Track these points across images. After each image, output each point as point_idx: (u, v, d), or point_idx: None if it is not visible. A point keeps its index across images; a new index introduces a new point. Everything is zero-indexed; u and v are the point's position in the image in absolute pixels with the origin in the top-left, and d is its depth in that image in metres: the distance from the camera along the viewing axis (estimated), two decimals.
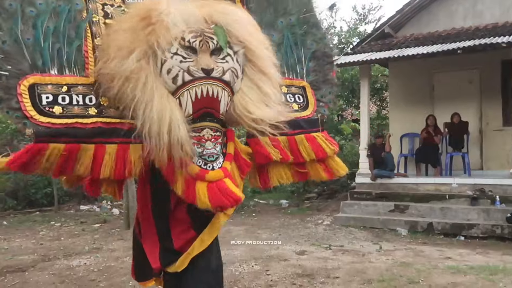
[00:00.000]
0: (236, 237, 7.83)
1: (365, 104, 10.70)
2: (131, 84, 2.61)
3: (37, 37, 2.70)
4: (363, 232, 8.33)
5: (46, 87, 2.63)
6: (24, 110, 2.49)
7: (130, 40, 2.65)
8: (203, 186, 2.69)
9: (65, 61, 2.76)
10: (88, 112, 2.67)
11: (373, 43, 11.14)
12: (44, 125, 2.49)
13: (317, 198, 12.52)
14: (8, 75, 2.54)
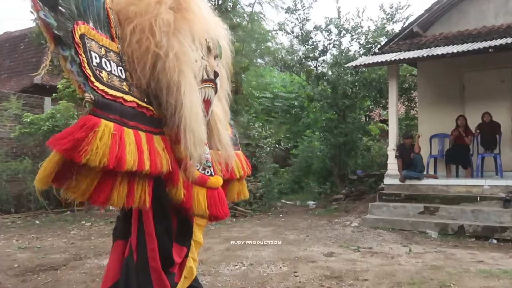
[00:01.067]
0: (263, 238, 7.84)
1: (393, 105, 10.57)
2: (167, 63, 2.43)
3: None
4: (392, 234, 8.22)
5: (92, 42, 2.28)
6: (83, 67, 2.17)
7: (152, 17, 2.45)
8: (202, 192, 2.62)
9: (97, 16, 2.40)
10: (123, 87, 2.36)
11: (401, 43, 11.00)
12: (99, 92, 2.18)
13: (344, 199, 12.42)
14: (63, 12, 2.18)
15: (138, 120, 2.33)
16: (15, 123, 12.00)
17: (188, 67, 2.45)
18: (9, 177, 11.97)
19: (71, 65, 2.13)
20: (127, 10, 2.53)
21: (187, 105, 2.41)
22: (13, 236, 8.65)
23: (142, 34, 2.45)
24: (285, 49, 17.98)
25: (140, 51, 2.45)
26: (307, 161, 15.66)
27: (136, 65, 2.47)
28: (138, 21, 2.47)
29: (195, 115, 2.44)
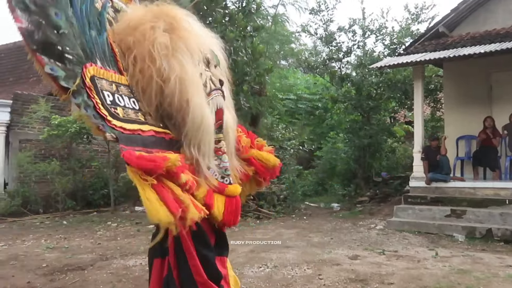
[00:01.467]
0: (287, 240, 7.83)
1: (419, 106, 10.43)
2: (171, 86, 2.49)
3: (77, 16, 2.37)
4: (418, 237, 8.11)
5: (102, 82, 2.34)
6: (98, 109, 2.22)
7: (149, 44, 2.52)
8: (221, 199, 2.68)
9: (102, 53, 2.46)
10: (139, 118, 2.44)
11: (427, 43, 10.86)
12: (118, 129, 2.24)
13: (369, 201, 12.32)
14: (71, 59, 2.21)
15: (159, 146, 2.41)
16: (44, 125, 12.26)
17: (192, 85, 2.52)
18: (38, 178, 12.25)
19: (86, 110, 2.18)
20: (126, 41, 2.60)
21: (198, 120, 2.49)
22: (41, 236, 8.83)
23: (143, 63, 2.51)
24: (308, 50, 17.93)
25: (145, 80, 2.52)
26: (331, 163, 15.58)
27: (142, 94, 2.54)
28: (137, 50, 2.54)
29: (207, 128, 2.52)
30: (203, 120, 2.49)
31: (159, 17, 2.62)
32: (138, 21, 2.62)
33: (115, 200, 12.38)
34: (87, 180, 13.18)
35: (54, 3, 2.23)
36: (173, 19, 2.63)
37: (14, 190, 11.89)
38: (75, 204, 12.47)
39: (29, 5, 2.10)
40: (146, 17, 2.63)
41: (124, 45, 2.62)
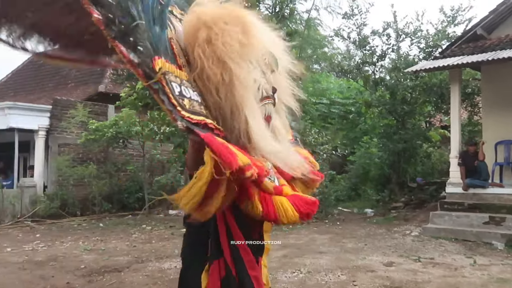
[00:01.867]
0: (321, 245, 7.78)
1: (455, 110, 10.22)
2: (228, 90, 2.50)
3: (145, 11, 2.40)
4: (455, 244, 7.93)
5: (169, 74, 2.36)
6: (170, 99, 2.24)
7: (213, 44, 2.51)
8: (284, 200, 2.61)
9: (164, 49, 2.48)
10: (203, 110, 2.45)
11: (464, 46, 10.62)
12: (186, 118, 2.24)
13: (404, 207, 12.11)
14: (142, 50, 2.25)
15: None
16: (81, 130, 12.59)
17: (248, 91, 2.51)
18: (76, 182, 12.58)
19: (163, 96, 2.22)
20: (192, 39, 2.61)
21: (252, 127, 2.47)
22: (79, 238, 9.06)
23: (207, 62, 2.51)
24: (342, 54, 17.83)
25: (203, 79, 2.52)
26: (364, 168, 15.41)
27: (202, 92, 2.55)
28: (198, 49, 2.55)
29: (261, 133, 2.50)
30: (256, 126, 2.48)
31: (231, 17, 2.60)
32: (210, 19, 2.61)
33: (149, 203, 12.58)
34: (123, 183, 13.46)
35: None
36: (243, 22, 2.61)
37: (53, 193, 12.25)
38: (111, 207, 12.73)
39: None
40: (221, 15, 2.61)
41: (189, 42, 2.63)
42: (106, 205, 12.63)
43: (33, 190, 12.17)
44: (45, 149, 12.83)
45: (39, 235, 9.60)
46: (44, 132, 12.75)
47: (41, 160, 12.76)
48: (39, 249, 7.98)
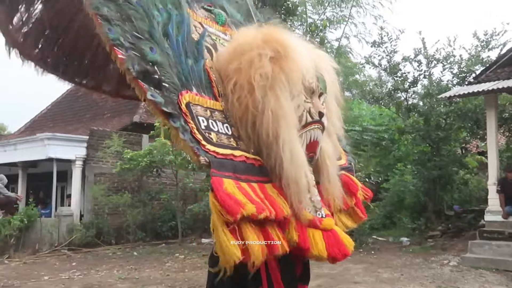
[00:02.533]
0: (355, 275, 7.63)
1: (492, 136, 10.00)
2: (264, 120, 2.48)
3: (173, 47, 2.50)
4: (496, 275, 7.64)
5: (197, 108, 2.42)
6: (193, 134, 2.28)
7: (252, 72, 2.51)
8: (318, 234, 2.59)
9: (198, 80, 2.55)
10: (231, 143, 2.48)
11: (500, 71, 10.45)
12: (211, 153, 2.28)
13: (441, 236, 11.77)
14: (167, 87, 2.33)
15: (249, 172, 2.40)
16: (117, 160, 12.85)
17: (284, 120, 2.48)
18: (111, 210, 12.80)
19: (183, 135, 2.25)
20: (227, 68, 2.63)
21: (287, 156, 2.44)
22: (114, 266, 9.17)
23: (241, 91, 2.53)
24: (373, 81, 17.77)
25: (241, 109, 2.53)
26: (399, 196, 15.10)
27: (239, 122, 2.56)
28: (237, 78, 2.56)
29: (296, 164, 2.46)
30: (292, 156, 2.45)
31: (267, 43, 2.60)
32: (246, 46, 2.62)
33: (182, 232, 12.64)
34: (156, 212, 13.62)
35: (147, 39, 2.38)
36: (281, 46, 2.59)
37: (89, 222, 12.48)
38: (144, 235, 12.86)
39: (124, 43, 2.28)
40: (255, 43, 2.61)
41: (224, 72, 2.67)
42: (140, 233, 12.76)
43: (70, 219, 12.43)
44: (82, 179, 13.15)
45: (75, 263, 9.77)
46: (81, 162, 13.09)
47: (78, 189, 13.06)
48: (75, 278, 8.11)
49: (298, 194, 2.47)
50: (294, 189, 2.46)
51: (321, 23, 12.63)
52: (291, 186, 2.46)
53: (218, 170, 2.22)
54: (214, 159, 2.27)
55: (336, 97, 3.03)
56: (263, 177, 2.48)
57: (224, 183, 2.18)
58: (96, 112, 17.47)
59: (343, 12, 13.31)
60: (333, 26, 13.27)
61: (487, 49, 13.85)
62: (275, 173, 2.53)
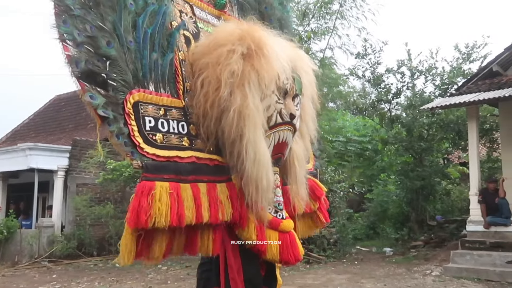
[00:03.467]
0: (338, 286, 7.62)
1: (474, 147, 10.11)
2: (229, 118, 2.45)
3: (139, 41, 2.41)
4: (478, 285, 7.69)
5: (148, 107, 2.36)
6: (132, 136, 2.24)
7: (221, 68, 2.48)
8: (275, 235, 2.63)
9: (160, 76, 2.48)
10: (183, 143, 2.45)
11: (480, 83, 10.61)
12: (150, 156, 2.26)
13: (424, 246, 11.83)
14: (115, 86, 2.26)
15: (198, 173, 2.40)
16: (100, 170, 12.70)
17: (250, 120, 2.46)
18: (93, 221, 12.63)
19: (117, 138, 2.22)
20: (199, 62, 2.60)
21: (250, 156, 2.44)
22: (95, 278, 9.03)
23: (209, 87, 2.50)
24: (357, 92, 17.91)
25: (206, 105, 2.50)
26: (382, 206, 15.19)
27: (202, 119, 2.53)
28: (207, 73, 2.52)
29: (258, 164, 2.45)
30: (255, 156, 2.45)
31: (243, 39, 2.56)
32: (220, 41, 2.58)
33: None
34: None
35: (108, 32, 2.30)
36: (256, 44, 2.55)
37: (70, 233, 12.30)
38: None
39: (77, 37, 2.19)
40: (230, 38, 2.57)
41: (195, 66, 2.62)
42: None
43: (51, 230, 12.24)
44: (63, 189, 12.97)
45: (56, 275, 9.60)
46: (63, 172, 12.92)
47: (60, 200, 12.87)
48: None
49: (257, 194, 2.47)
50: (254, 189, 2.46)
51: (305, 35, 12.69)
52: (251, 186, 2.46)
53: (153, 173, 2.22)
54: (151, 162, 2.25)
55: (313, 99, 3.03)
56: (216, 176, 2.47)
57: (156, 187, 2.18)
58: (79, 122, 17.28)
59: (328, 24, 13.39)
60: (318, 38, 13.33)
61: (468, 61, 14.09)
62: (236, 172, 2.52)
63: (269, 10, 3.56)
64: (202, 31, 2.92)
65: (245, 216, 2.52)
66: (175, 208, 2.21)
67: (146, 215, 2.13)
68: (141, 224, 2.13)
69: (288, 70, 2.66)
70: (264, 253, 2.59)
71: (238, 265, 2.57)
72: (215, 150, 2.56)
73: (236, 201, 2.49)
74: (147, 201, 2.14)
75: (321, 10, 13.06)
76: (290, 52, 2.78)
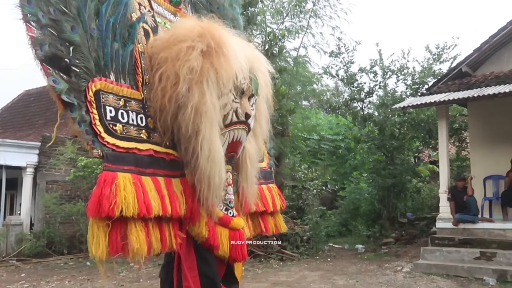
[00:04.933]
0: (312, 283, 7.67)
1: (443, 146, 10.31)
2: (186, 114, 2.46)
3: (101, 28, 2.39)
4: (447, 280, 7.86)
5: (108, 96, 2.35)
6: (93, 125, 2.24)
7: (180, 64, 2.48)
8: (225, 232, 2.68)
9: (121, 66, 2.47)
10: (141, 136, 2.45)
11: (450, 83, 10.83)
12: (110, 146, 2.26)
13: (394, 243, 12.03)
14: (78, 72, 2.24)
15: (156, 166, 2.41)
16: (70, 167, 12.48)
17: (206, 117, 2.47)
18: (63, 219, 12.41)
19: (79, 125, 2.21)
20: (158, 56, 2.59)
21: (204, 153, 2.46)
22: (65, 277, 8.87)
23: (167, 82, 2.50)
24: (330, 91, 18.06)
25: (163, 100, 2.50)
26: (354, 203, 15.38)
27: (159, 113, 2.53)
28: (165, 68, 2.53)
29: (212, 162, 2.48)
30: (210, 153, 2.47)
31: (203, 36, 2.56)
32: (180, 37, 2.58)
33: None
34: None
35: (72, 17, 2.27)
36: (215, 42, 2.56)
37: (39, 231, 12.05)
38: None
39: (41, 19, 2.16)
40: (190, 34, 2.57)
41: (154, 60, 2.61)
42: None
43: (19, 228, 11.96)
44: (33, 186, 12.69)
45: (24, 274, 9.39)
46: (32, 169, 12.64)
47: (29, 197, 12.59)
48: None
49: (209, 191, 2.50)
50: (206, 186, 2.49)
51: (279, 33, 12.71)
52: (204, 182, 2.48)
53: (113, 164, 2.21)
54: (111, 152, 2.25)
55: (267, 100, 3.08)
56: (172, 171, 2.49)
57: (118, 177, 2.18)
58: (49, 118, 16.92)
59: (302, 22, 13.43)
60: (292, 36, 13.36)
61: (438, 62, 14.35)
62: (190, 168, 2.54)
63: (221, 11, 3.59)
64: (160, 25, 2.95)
65: (196, 211, 2.55)
66: (141, 197, 2.21)
67: (110, 203, 2.11)
68: (104, 212, 2.11)
69: (245, 70, 2.69)
70: (216, 249, 2.64)
71: (191, 261, 2.60)
72: (171, 144, 2.58)
73: (189, 197, 2.52)
74: (111, 189, 2.13)
75: (295, 8, 13.09)
76: (248, 52, 2.82)
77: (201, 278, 2.58)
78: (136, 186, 2.22)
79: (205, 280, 2.59)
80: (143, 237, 2.25)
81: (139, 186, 2.24)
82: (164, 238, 2.39)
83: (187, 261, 2.60)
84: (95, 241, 2.16)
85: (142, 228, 2.26)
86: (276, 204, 3.45)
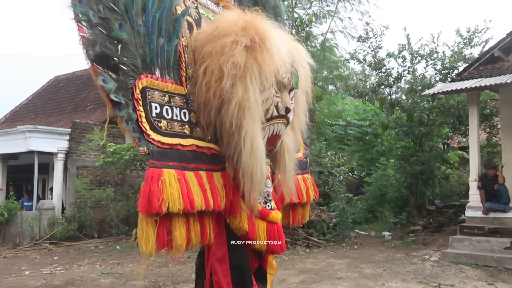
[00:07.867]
0: (338, 271, 7.68)
1: (474, 133, 10.11)
2: (230, 109, 2.47)
3: (147, 24, 2.41)
4: (476, 270, 7.76)
5: (154, 93, 2.38)
6: (140, 122, 2.27)
7: (224, 59, 2.47)
8: (263, 226, 2.69)
9: (166, 62, 2.49)
10: (184, 131, 2.48)
11: (482, 68, 10.55)
12: (155, 143, 2.29)
13: (422, 231, 11.91)
14: (125, 70, 2.27)
15: (198, 161, 2.44)
16: (99, 153, 12.72)
17: (250, 113, 2.48)
18: (93, 204, 12.70)
19: (127, 124, 2.25)
20: (202, 50, 2.59)
21: (247, 148, 2.47)
22: (96, 261, 9.09)
23: (211, 76, 2.50)
24: (357, 75, 17.83)
25: (207, 95, 2.51)
26: (381, 190, 15.26)
27: (202, 107, 2.55)
28: (210, 62, 2.52)
29: (254, 158, 2.49)
30: (252, 148, 2.48)
31: (246, 30, 2.55)
32: (224, 31, 2.57)
33: None
34: None
35: (120, 14, 2.29)
36: (259, 37, 2.55)
37: (71, 215, 12.37)
38: (127, 229, 12.76)
39: (92, 18, 2.19)
40: (234, 28, 2.56)
41: (198, 54, 2.62)
42: (123, 227, 12.66)
43: (51, 212, 12.31)
44: (64, 172, 13.00)
45: (57, 257, 9.67)
46: (63, 155, 12.93)
47: (60, 182, 12.91)
48: (57, 273, 8.03)
49: (251, 185, 2.52)
50: (248, 180, 2.50)
51: (306, 18, 12.58)
52: (246, 177, 2.50)
53: (159, 160, 2.25)
54: (156, 149, 2.28)
55: (306, 93, 3.05)
56: (213, 165, 2.52)
57: (164, 174, 2.22)
58: (78, 104, 17.25)
59: (329, 7, 13.27)
60: (319, 21, 13.22)
61: (469, 46, 13.98)
62: (232, 162, 2.56)
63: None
64: (203, 17, 2.93)
65: (236, 205, 2.58)
66: (185, 193, 2.25)
67: (159, 199, 2.15)
68: (154, 209, 2.15)
69: (287, 64, 2.68)
70: (253, 241, 2.66)
71: (223, 253, 2.62)
72: (213, 139, 2.60)
73: (229, 190, 2.54)
74: (158, 186, 2.17)
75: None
76: (289, 46, 2.80)
77: (232, 272, 2.61)
78: (180, 182, 2.27)
79: (236, 274, 2.61)
80: (184, 232, 2.31)
81: (183, 182, 2.28)
82: (205, 232, 2.44)
83: (218, 254, 2.62)
84: (145, 237, 2.20)
85: (183, 223, 2.31)
86: (310, 195, 3.48)
